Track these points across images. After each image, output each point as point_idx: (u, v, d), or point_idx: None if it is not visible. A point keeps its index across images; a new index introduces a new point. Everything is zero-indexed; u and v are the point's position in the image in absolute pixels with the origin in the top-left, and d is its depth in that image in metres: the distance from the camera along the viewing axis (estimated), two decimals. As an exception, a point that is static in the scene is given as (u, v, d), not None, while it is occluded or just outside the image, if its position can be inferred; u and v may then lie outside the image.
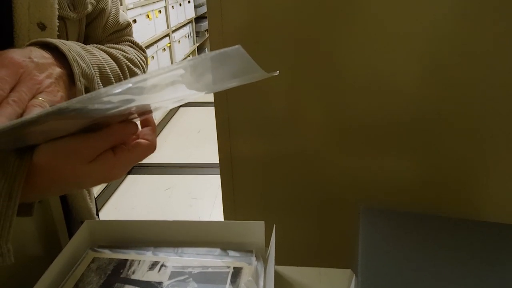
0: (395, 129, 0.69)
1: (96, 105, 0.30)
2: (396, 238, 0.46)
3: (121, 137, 0.39)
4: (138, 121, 0.43)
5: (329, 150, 0.73)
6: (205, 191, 2.34)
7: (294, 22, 0.65)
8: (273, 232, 0.48)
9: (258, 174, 0.77)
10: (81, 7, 0.54)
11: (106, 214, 2.17)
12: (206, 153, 2.76)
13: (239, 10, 0.66)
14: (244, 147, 0.75)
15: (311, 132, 0.72)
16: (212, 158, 2.63)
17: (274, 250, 0.47)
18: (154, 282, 0.44)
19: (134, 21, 2.57)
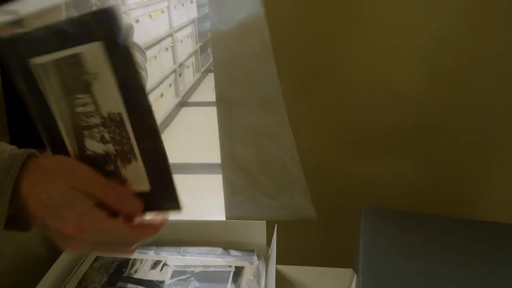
0: (397, 132, 0.69)
1: None
2: (396, 238, 0.46)
3: (118, 198, 0.34)
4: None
5: (331, 152, 0.73)
6: (207, 191, 2.35)
7: (297, 27, 0.65)
8: (274, 231, 0.49)
9: (260, 175, 0.77)
10: (85, 10, 0.55)
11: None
12: (208, 153, 2.76)
13: (241, 10, 0.66)
14: (246, 149, 0.75)
15: (313, 135, 0.72)
16: (214, 158, 2.62)
17: (276, 250, 0.47)
18: (156, 281, 0.45)
19: (137, 21, 2.58)
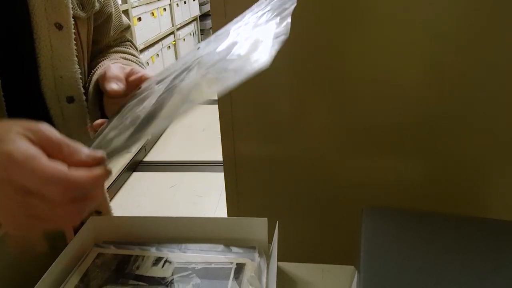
0: (400, 130, 0.69)
1: None
2: (398, 235, 0.46)
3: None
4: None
5: (332, 150, 0.73)
6: (209, 189, 2.35)
7: (299, 24, 0.64)
8: (275, 228, 0.49)
9: (261, 173, 0.77)
10: (89, 6, 0.55)
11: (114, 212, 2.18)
12: (210, 151, 2.77)
13: (243, 9, 0.66)
14: (247, 147, 0.75)
15: (315, 132, 0.72)
16: (216, 156, 2.63)
17: (277, 247, 0.47)
18: (158, 278, 0.45)
19: (139, 19, 2.58)
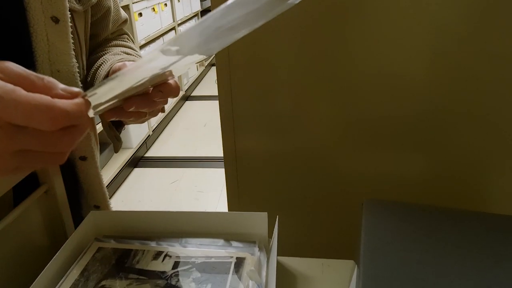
0: (401, 123, 0.68)
1: None
2: (399, 229, 0.46)
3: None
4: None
5: (333, 144, 0.72)
6: (211, 184, 2.35)
7: (300, 18, 0.64)
8: (276, 223, 0.49)
9: (262, 168, 0.77)
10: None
11: (113, 207, 2.19)
12: (212, 146, 2.77)
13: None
14: (248, 142, 0.75)
15: (316, 127, 0.72)
16: (218, 152, 2.64)
17: (277, 241, 0.47)
18: (158, 272, 0.45)
19: (140, 14, 2.57)
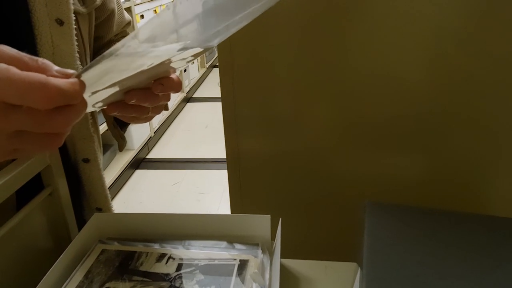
0: (402, 126, 0.69)
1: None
2: (401, 232, 0.46)
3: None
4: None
5: (335, 146, 0.73)
6: (212, 186, 2.35)
7: (300, 20, 0.65)
8: (279, 225, 0.49)
9: (265, 170, 0.77)
10: (90, 1, 0.55)
11: (115, 209, 2.19)
12: (213, 148, 2.77)
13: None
14: (251, 143, 0.76)
15: (318, 129, 0.72)
16: (219, 153, 2.64)
17: (280, 243, 0.47)
18: (162, 274, 0.45)
19: (142, 16, 2.58)
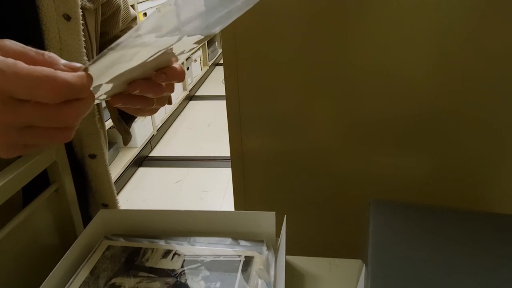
0: (406, 124, 0.68)
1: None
2: (406, 229, 0.46)
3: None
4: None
5: (339, 145, 0.73)
6: (215, 184, 2.36)
7: (305, 19, 0.65)
8: (283, 222, 0.49)
9: (269, 168, 0.77)
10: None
11: (120, 206, 2.20)
12: (216, 146, 2.77)
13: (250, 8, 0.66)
14: (255, 142, 0.76)
15: (322, 127, 0.72)
16: (222, 152, 2.64)
17: (285, 240, 0.47)
18: (168, 270, 0.45)
19: (145, 14, 2.58)
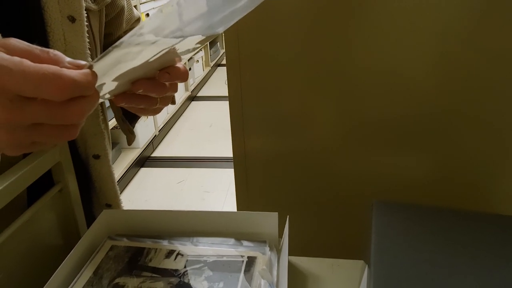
0: (408, 124, 0.69)
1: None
2: (409, 230, 0.46)
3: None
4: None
5: (341, 146, 0.73)
6: (217, 185, 2.36)
7: (307, 20, 0.65)
8: (286, 222, 0.49)
9: (271, 169, 0.78)
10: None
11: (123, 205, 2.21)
12: (218, 147, 2.78)
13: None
14: (257, 142, 0.76)
15: (324, 128, 0.72)
16: (224, 152, 2.64)
17: (288, 241, 0.47)
18: (171, 269, 0.46)
19: (147, 14, 2.59)
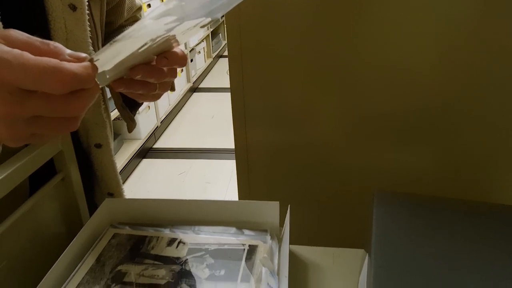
0: (411, 119, 0.69)
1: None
2: (410, 220, 0.46)
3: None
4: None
5: (343, 138, 0.73)
6: (218, 176, 2.36)
7: (311, 12, 0.64)
8: (287, 211, 0.49)
9: (273, 161, 0.78)
10: None
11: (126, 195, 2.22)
12: (219, 138, 2.78)
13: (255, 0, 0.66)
14: (259, 135, 0.76)
15: (326, 121, 0.72)
16: (225, 144, 2.65)
17: (289, 230, 0.48)
18: (173, 257, 0.46)
19: (149, 5, 2.57)
